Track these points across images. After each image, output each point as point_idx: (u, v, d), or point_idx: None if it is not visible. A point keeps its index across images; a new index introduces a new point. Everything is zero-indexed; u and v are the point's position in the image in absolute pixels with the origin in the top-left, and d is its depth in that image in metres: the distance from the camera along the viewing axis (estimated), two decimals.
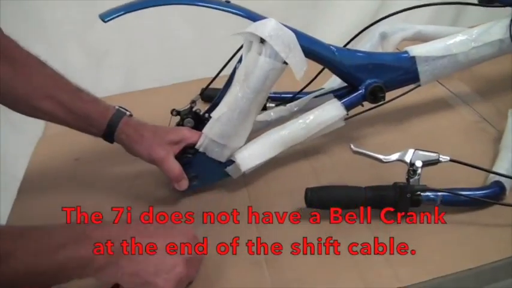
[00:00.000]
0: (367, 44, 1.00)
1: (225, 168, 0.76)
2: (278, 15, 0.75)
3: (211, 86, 1.05)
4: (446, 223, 0.66)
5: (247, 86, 0.71)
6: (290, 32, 0.70)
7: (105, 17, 0.67)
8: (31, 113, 0.73)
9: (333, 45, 0.79)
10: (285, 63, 0.71)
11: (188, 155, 0.76)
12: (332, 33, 1.36)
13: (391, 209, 0.68)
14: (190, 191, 0.76)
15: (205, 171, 0.76)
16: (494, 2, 0.83)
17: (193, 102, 0.83)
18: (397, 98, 0.81)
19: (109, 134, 0.74)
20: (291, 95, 0.90)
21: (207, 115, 0.82)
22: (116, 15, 0.67)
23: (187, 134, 0.75)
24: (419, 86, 0.82)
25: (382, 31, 1.00)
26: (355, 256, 0.63)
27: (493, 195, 0.68)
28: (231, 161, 0.76)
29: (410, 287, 0.59)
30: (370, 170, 0.75)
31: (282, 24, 0.71)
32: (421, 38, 0.96)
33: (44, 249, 0.51)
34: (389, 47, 0.96)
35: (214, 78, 0.85)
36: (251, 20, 0.72)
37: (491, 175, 0.71)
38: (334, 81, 0.92)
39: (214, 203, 0.75)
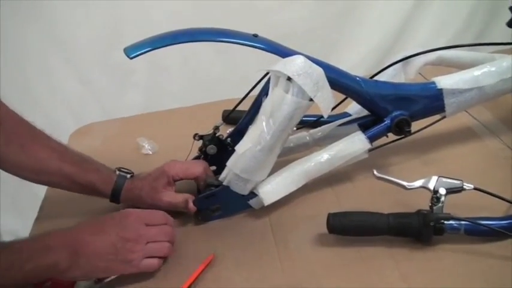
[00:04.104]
0: (389, 69, 0.98)
1: (247, 200, 0.76)
2: (299, 38, 0.74)
3: (238, 109, 1.06)
4: (469, 253, 0.66)
5: (272, 122, 0.70)
6: (319, 68, 0.69)
7: (130, 53, 0.66)
8: (39, 182, 0.79)
9: (359, 77, 0.77)
10: (311, 100, 0.70)
11: (211, 188, 0.76)
12: (353, 57, 1.36)
13: (414, 237, 0.67)
14: (214, 220, 0.77)
15: (228, 203, 0.76)
16: None
17: (217, 128, 0.82)
18: (421, 130, 0.80)
19: (114, 200, 0.78)
20: (313, 119, 0.89)
21: (229, 140, 0.83)
22: (142, 52, 0.66)
23: (176, 171, 0.77)
24: (444, 117, 0.81)
25: (404, 55, 0.98)
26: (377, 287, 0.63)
27: None
28: (253, 194, 0.76)
29: None
30: (392, 196, 0.74)
31: (310, 58, 0.70)
32: (443, 63, 0.95)
33: (14, 263, 0.60)
34: (412, 72, 0.94)
35: (237, 105, 0.84)
36: (279, 55, 0.70)
37: None
38: (356, 105, 0.91)
39: (235, 227, 0.75)
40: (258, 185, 0.75)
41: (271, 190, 0.75)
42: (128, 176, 0.79)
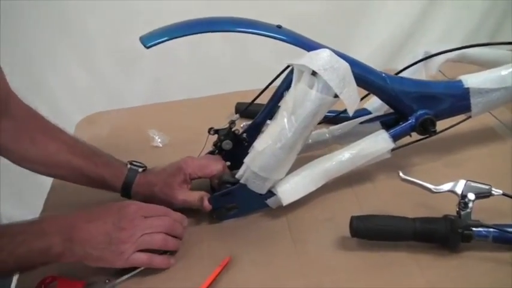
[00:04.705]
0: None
1: (265, 199, 0.73)
2: (309, 32, 0.70)
3: (244, 100, 1.02)
4: (496, 262, 0.63)
5: (295, 119, 0.66)
6: (345, 63, 0.65)
7: (147, 42, 0.62)
8: (48, 175, 0.78)
9: (384, 73, 0.74)
10: (336, 96, 0.67)
11: (227, 185, 0.73)
12: (365, 52, 1.33)
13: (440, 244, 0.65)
14: (229, 219, 0.74)
15: (244, 201, 0.73)
16: None
17: (233, 122, 0.78)
18: (446, 130, 0.77)
19: (125, 194, 0.75)
20: (333, 114, 0.86)
21: (244, 135, 0.79)
22: (159, 41, 0.62)
23: (193, 169, 0.74)
24: (469, 117, 0.78)
25: (426, 51, 0.95)
26: None
27: None
28: (271, 193, 0.73)
29: None
30: (414, 199, 0.72)
31: (336, 52, 0.67)
32: (464, 60, 0.92)
33: (8, 245, 0.59)
34: (433, 68, 0.91)
35: (255, 99, 0.80)
36: (304, 48, 0.67)
37: None
38: (376, 101, 0.88)
39: (251, 227, 0.72)
40: (276, 183, 0.72)
41: (290, 190, 0.72)
42: (140, 170, 0.76)
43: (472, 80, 0.76)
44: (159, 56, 1.36)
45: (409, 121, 0.76)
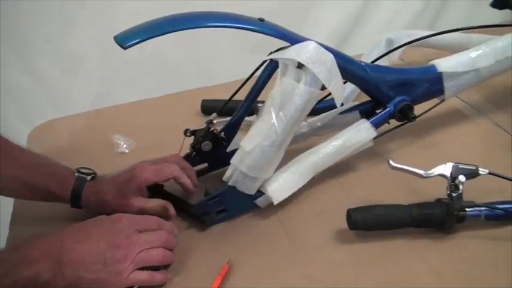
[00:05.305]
0: (374, 51, 0.97)
1: (254, 200, 0.71)
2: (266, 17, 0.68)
3: (210, 98, 0.98)
4: (490, 239, 0.65)
5: (283, 115, 0.64)
6: (331, 55, 0.64)
7: (125, 42, 0.57)
8: None
9: (363, 62, 0.74)
10: (322, 89, 0.66)
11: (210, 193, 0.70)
12: (320, 34, 1.33)
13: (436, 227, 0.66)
14: (218, 223, 0.70)
15: (234, 204, 0.70)
16: None
17: (211, 122, 0.74)
18: (422, 115, 0.79)
19: (75, 205, 0.70)
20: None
21: (222, 134, 0.76)
22: (138, 41, 0.57)
23: (147, 175, 0.69)
24: (443, 101, 0.80)
25: (388, 38, 0.97)
26: (410, 281, 0.60)
27: None
28: (260, 192, 0.70)
29: None
30: (400, 185, 0.73)
31: (320, 44, 0.65)
32: (425, 44, 0.95)
33: None
34: (395, 54, 0.93)
35: (232, 96, 0.76)
36: (288, 41, 0.65)
37: None
38: (346, 91, 0.88)
39: (244, 229, 0.70)
40: (265, 182, 0.69)
41: (280, 187, 0.70)
42: (88, 177, 0.70)
43: (444, 65, 0.78)
44: (105, 56, 1.29)
45: (388, 108, 0.76)
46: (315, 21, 1.48)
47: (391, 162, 0.68)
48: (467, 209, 0.64)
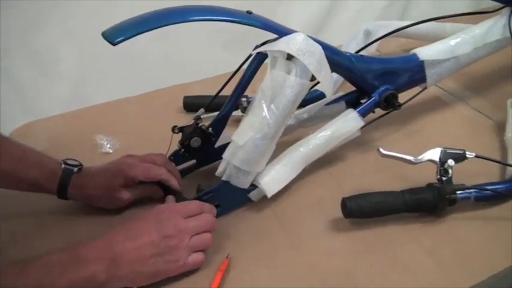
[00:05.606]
0: (352, 42, 0.98)
1: (247, 194, 0.70)
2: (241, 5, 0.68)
3: (194, 94, 0.97)
4: (479, 219, 0.68)
5: (275, 107, 0.64)
6: (319, 46, 0.64)
7: (114, 39, 0.55)
8: None
9: (348, 53, 0.75)
10: (312, 80, 0.66)
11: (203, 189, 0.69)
12: (297, 21, 1.33)
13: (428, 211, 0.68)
14: None
15: (227, 199, 0.69)
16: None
17: (199, 118, 0.74)
18: (406, 103, 0.80)
19: (62, 196, 0.70)
20: None
21: (210, 129, 0.75)
22: (127, 36, 0.56)
23: (136, 172, 0.69)
24: (425, 88, 0.82)
25: (365, 28, 0.99)
26: (407, 265, 0.62)
27: None
28: (253, 186, 0.70)
29: None
30: (388, 172, 0.74)
31: (309, 36, 0.65)
32: (401, 35, 0.96)
33: (44, 280, 0.53)
34: (373, 45, 0.94)
35: (219, 92, 0.75)
36: (276, 34, 0.65)
37: (510, 168, 0.72)
38: None
39: (240, 223, 0.69)
40: (257, 175, 0.69)
41: (273, 180, 0.70)
42: (75, 169, 0.69)
43: (425, 53, 0.79)
44: (77, 55, 1.25)
45: (373, 98, 0.77)
46: (284, 21, 1.49)
47: (381, 150, 0.69)
48: (457, 192, 0.66)
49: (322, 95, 0.89)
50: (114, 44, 0.56)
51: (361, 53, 0.85)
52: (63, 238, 0.67)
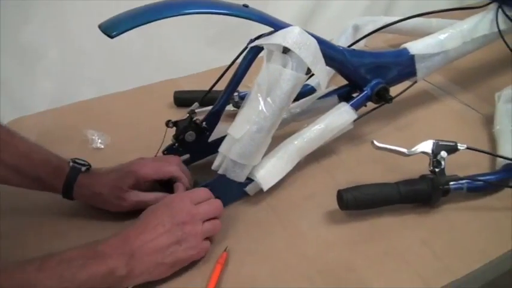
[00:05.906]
0: (342, 37, 1.00)
1: (244, 187, 0.71)
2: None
3: (183, 89, 0.96)
4: (473, 209, 0.69)
5: (272, 101, 0.65)
6: (314, 40, 0.65)
7: (112, 31, 0.55)
8: None
9: (341, 47, 0.75)
10: (307, 73, 0.66)
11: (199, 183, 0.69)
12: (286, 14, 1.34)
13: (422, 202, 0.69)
14: None
15: (224, 193, 0.69)
16: None
17: (193, 112, 0.73)
18: (397, 96, 0.81)
19: (67, 196, 0.69)
20: None
21: (204, 124, 0.75)
22: (126, 29, 0.55)
23: (146, 171, 0.69)
24: (415, 82, 0.83)
25: (354, 24, 1.00)
26: (403, 254, 0.63)
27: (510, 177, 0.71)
28: (249, 180, 0.70)
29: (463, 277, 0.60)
30: (380, 164, 0.76)
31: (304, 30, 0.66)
32: (388, 31, 0.98)
33: (65, 274, 0.53)
34: (362, 40, 0.95)
35: (212, 87, 0.75)
36: (272, 27, 0.65)
37: (500, 159, 0.74)
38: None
39: (236, 217, 0.69)
40: (253, 169, 0.70)
41: (268, 173, 0.70)
42: (83, 168, 0.68)
43: (416, 47, 0.81)
44: (62, 50, 1.23)
45: (365, 91, 0.78)
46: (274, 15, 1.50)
47: (375, 142, 0.70)
48: (450, 183, 0.67)
49: (313, 89, 0.91)
50: (112, 37, 0.56)
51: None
52: (67, 240, 0.64)
